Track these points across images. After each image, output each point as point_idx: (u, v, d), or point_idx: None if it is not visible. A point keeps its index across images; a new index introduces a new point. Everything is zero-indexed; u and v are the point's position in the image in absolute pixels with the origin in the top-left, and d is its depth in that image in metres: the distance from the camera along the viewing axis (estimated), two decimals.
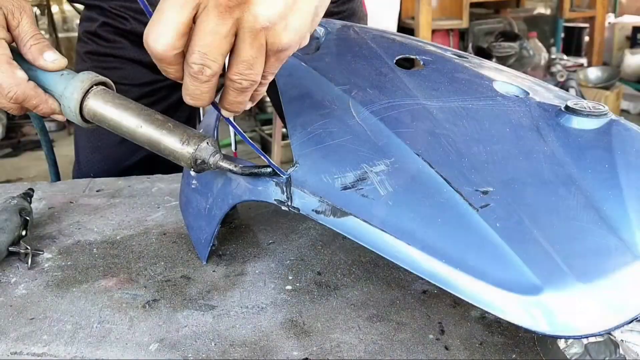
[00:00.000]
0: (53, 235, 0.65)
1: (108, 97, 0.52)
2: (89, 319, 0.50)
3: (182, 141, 0.49)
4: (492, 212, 0.41)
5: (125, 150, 0.93)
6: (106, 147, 0.93)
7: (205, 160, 0.49)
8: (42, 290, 0.55)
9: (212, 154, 0.50)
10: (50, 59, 0.55)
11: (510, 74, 0.61)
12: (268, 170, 0.49)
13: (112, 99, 0.52)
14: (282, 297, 0.53)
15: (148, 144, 0.50)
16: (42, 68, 0.55)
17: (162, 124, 0.50)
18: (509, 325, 0.48)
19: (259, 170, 0.49)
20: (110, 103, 0.52)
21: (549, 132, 0.48)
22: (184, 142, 0.49)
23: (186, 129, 0.50)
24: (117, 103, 0.52)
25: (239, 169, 0.50)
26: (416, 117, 0.49)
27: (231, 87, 0.44)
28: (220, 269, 0.58)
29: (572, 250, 0.39)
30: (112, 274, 0.57)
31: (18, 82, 0.54)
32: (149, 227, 0.67)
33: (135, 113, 0.51)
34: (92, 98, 0.52)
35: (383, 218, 0.43)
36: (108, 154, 0.93)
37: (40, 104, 0.55)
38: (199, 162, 0.49)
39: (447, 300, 0.52)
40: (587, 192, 0.43)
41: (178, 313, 0.51)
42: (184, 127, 0.50)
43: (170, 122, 0.50)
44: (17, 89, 0.54)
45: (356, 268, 0.57)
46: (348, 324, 0.49)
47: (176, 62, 0.42)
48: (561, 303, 0.37)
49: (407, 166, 0.45)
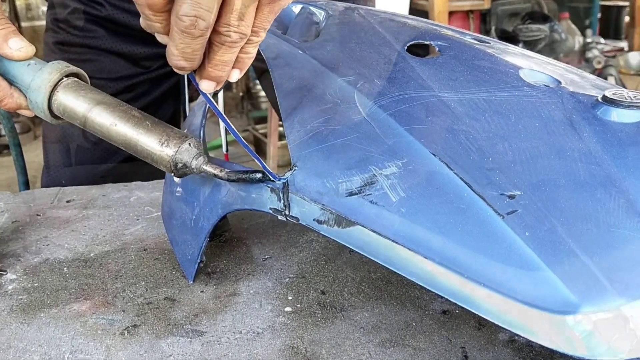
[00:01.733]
0: (17, 252, 0.65)
1: (80, 90, 0.53)
2: (59, 349, 0.50)
3: (161, 142, 0.49)
4: (521, 219, 0.41)
5: (100, 152, 0.93)
6: (79, 149, 0.93)
7: (187, 163, 0.50)
8: (5, 316, 0.55)
9: (194, 157, 0.50)
10: (16, 46, 0.55)
11: (540, 61, 0.61)
12: (258, 175, 0.49)
13: (84, 92, 0.52)
14: (281, 321, 0.53)
15: (123, 144, 0.51)
16: (7, 57, 0.55)
17: (140, 122, 0.50)
18: (542, 350, 0.48)
19: (247, 175, 0.49)
20: (82, 97, 0.52)
21: (585, 126, 0.48)
22: (163, 143, 0.49)
23: (166, 127, 0.50)
24: (89, 97, 0.52)
25: (224, 173, 0.50)
26: (431, 111, 0.49)
27: (217, 41, 0.44)
28: (209, 289, 0.58)
29: (613, 262, 0.39)
30: (85, 297, 0.57)
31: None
32: (127, 242, 0.67)
33: (109, 108, 0.51)
34: (61, 91, 0.53)
35: (395, 228, 0.43)
36: (81, 156, 0.94)
37: (4, 97, 0.55)
38: (180, 166, 0.50)
39: (470, 322, 0.52)
40: (630, 195, 0.43)
41: (162, 340, 0.51)
42: (164, 125, 0.51)
43: (148, 120, 0.51)
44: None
45: (365, 286, 0.57)
46: (357, 351, 0.49)
47: (164, 9, 0.43)
48: (602, 323, 0.37)
49: (421, 168, 0.45)
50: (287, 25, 0.70)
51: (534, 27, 3.51)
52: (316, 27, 0.63)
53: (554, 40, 3.55)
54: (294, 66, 0.56)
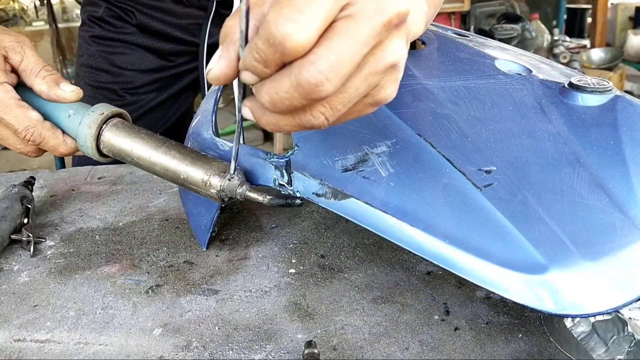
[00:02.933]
0: (55, 222, 0.65)
1: (125, 130, 0.50)
2: (92, 305, 0.50)
3: (204, 181, 0.47)
4: (496, 191, 0.41)
5: None
6: None
7: (232, 195, 0.48)
8: (44, 277, 0.54)
9: (237, 187, 0.47)
10: (69, 89, 0.53)
11: (514, 53, 0.59)
12: (298, 202, 0.47)
13: (129, 131, 0.50)
14: (286, 281, 0.52)
15: (169, 179, 0.49)
16: (60, 99, 0.52)
17: (183, 159, 0.48)
18: (515, 305, 0.47)
19: (287, 201, 0.48)
20: (127, 136, 0.50)
21: (553, 109, 0.47)
22: (206, 183, 0.47)
23: (206, 163, 0.48)
24: (132, 136, 0.50)
25: (267, 200, 0.47)
26: (417, 97, 0.48)
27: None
28: (223, 253, 0.57)
29: (577, 229, 0.38)
30: (114, 260, 0.57)
31: (34, 124, 0.52)
32: (151, 214, 0.66)
33: (153, 146, 0.49)
34: (107, 131, 0.50)
35: (385, 199, 0.42)
36: None
37: (58, 145, 0.53)
38: (226, 199, 0.48)
39: (451, 281, 0.51)
40: (593, 170, 0.42)
41: (181, 298, 0.51)
42: (205, 160, 0.48)
43: (190, 156, 0.48)
44: (34, 131, 0.52)
45: (360, 250, 0.57)
46: (352, 306, 0.49)
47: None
48: (567, 281, 0.36)
49: (408, 147, 0.44)
50: None
51: (508, 27, 3.47)
52: None
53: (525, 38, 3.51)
54: None
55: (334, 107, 0.33)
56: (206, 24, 0.90)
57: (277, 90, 0.32)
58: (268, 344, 0.45)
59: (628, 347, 0.40)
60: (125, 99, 0.93)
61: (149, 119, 0.94)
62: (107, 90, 0.92)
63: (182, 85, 0.98)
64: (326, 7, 0.30)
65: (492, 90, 0.50)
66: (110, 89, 0.92)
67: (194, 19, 0.92)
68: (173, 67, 0.95)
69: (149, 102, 0.94)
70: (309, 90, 0.31)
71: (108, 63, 0.92)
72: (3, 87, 0.52)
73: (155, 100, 0.95)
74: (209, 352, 0.44)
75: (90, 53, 0.93)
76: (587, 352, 0.41)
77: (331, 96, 0.33)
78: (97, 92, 0.92)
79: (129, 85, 0.93)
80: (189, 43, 0.94)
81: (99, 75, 0.92)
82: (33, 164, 3.14)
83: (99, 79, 0.92)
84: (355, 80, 0.33)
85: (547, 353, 0.43)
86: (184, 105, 1.01)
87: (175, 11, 0.91)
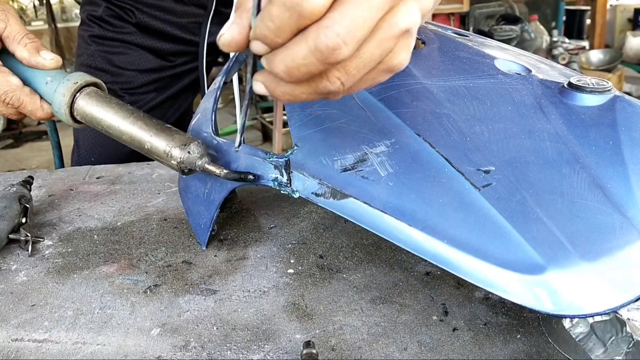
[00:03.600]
0: (53, 222, 0.65)
1: (97, 98, 0.53)
2: (90, 305, 0.50)
3: (166, 151, 0.49)
4: (494, 191, 0.40)
5: None
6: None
7: (192, 167, 0.50)
8: (42, 277, 0.54)
9: (197, 158, 0.49)
10: (49, 57, 0.55)
11: (513, 52, 0.59)
12: (250, 177, 0.49)
13: (101, 99, 0.53)
14: (284, 281, 0.52)
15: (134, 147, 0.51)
16: (39, 66, 0.55)
17: (148, 130, 0.50)
18: (513, 306, 0.47)
19: (240, 176, 0.49)
20: (98, 104, 0.52)
21: (552, 109, 0.47)
22: (167, 153, 0.49)
23: (170, 134, 0.50)
24: (105, 104, 0.52)
25: (224, 174, 0.49)
26: (416, 97, 0.48)
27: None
28: (221, 253, 0.57)
29: (576, 229, 0.38)
30: (113, 260, 0.57)
31: (13, 89, 0.54)
32: (149, 213, 0.66)
33: (122, 115, 0.51)
34: (81, 100, 0.53)
35: (384, 199, 0.42)
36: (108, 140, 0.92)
37: (35, 110, 0.55)
38: (186, 170, 0.50)
39: (450, 282, 0.51)
40: (591, 170, 0.42)
41: (179, 298, 0.50)
42: (169, 132, 0.50)
43: (155, 128, 0.51)
44: (13, 95, 0.54)
45: (358, 251, 0.57)
46: (351, 307, 0.48)
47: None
48: (565, 282, 0.36)
49: (407, 147, 0.44)
50: None
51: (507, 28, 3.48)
52: None
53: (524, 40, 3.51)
54: None
55: (349, 72, 0.34)
56: (206, 23, 0.90)
57: (293, 57, 0.32)
58: (266, 344, 0.44)
59: (626, 348, 0.40)
60: (124, 99, 0.92)
61: None
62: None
63: (182, 85, 0.98)
64: None
65: (491, 89, 0.49)
66: (109, 89, 0.92)
67: (194, 18, 0.92)
68: (172, 67, 0.95)
69: (148, 102, 0.94)
70: (327, 54, 0.31)
71: (107, 63, 0.92)
72: None
73: (155, 101, 0.95)
74: (207, 352, 0.44)
75: (89, 53, 0.93)
76: (586, 352, 0.41)
77: (346, 61, 0.33)
78: None
79: (128, 85, 0.93)
80: (188, 42, 0.94)
81: (98, 75, 0.92)
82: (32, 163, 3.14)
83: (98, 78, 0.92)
84: (370, 45, 0.33)
85: (545, 354, 0.43)
86: (184, 106, 1.01)
87: (175, 10, 0.91)
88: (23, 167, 3.11)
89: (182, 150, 0.49)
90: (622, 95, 0.50)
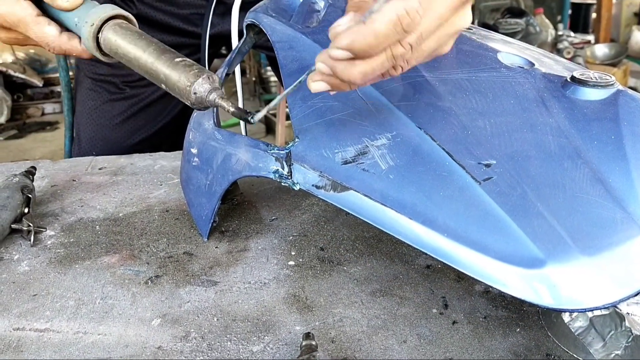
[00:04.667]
0: (56, 212, 0.65)
1: (123, 30, 0.52)
2: (91, 295, 0.50)
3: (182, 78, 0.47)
4: (495, 185, 0.40)
5: (127, 129, 0.92)
6: (107, 126, 0.92)
7: (203, 96, 0.47)
8: (44, 267, 0.54)
9: (209, 91, 0.47)
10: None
11: (517, 46, 0.59)
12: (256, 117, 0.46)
13: (127, 31, 0.51)
14: (285, 273, 0.53)
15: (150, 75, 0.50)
16: (59, 8, 0.54)
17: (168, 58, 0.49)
18: (513, 300, 0.47)
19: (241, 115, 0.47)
20: (124, 35, 0.51)
21: (554, 103, 0.47)
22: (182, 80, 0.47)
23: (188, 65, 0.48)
24: (130, 35, 0.51)
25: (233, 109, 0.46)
26: (418, 90, 0.48)
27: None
28: (222, 245, 0.57)
29: (576, 224, 0.38)
30: (114, 251, 0.57)
31: (52, 40, 0.55)
32: (151, 205, 0.66)
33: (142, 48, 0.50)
34: (108, 28, 0.52)
35: (384, 192, 0.42)
36: (109, 133, 0.92)
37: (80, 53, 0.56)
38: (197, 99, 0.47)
39: (450, 275, 0.51)
40: (593, 165, 0.42)
41: (180, 289, 0.51)
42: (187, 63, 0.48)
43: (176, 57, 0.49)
44: (55, 45, 0.55)
45: (359, 243, 0.57)
46: (351, 299, 0.49)
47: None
48: (565, 276, 0.36)
49: (408, 140, 0.44)
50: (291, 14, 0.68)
51: (512, 21, 3.45)
52: (317, 15, 0.61)
53: (529, 33, 3.49)
54: (297, 49, 0.55)
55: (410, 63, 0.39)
56: (208, 14, 0.90)
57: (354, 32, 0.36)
58: (266, 335, 0.45)
59: (625, 342, 0.40)
60: (126, 92, 0.92)
61: (149, 113, 0.94)
62: (107, 83, 0.92)
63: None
64: None
65: (493, 83, 0.49)
66: (111, 82, 0.92)
67: (196, 9, 0.91)
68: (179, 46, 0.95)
69: (149, 96, 0.94)
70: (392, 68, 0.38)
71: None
72: (19, 5, 0.54)
73: (156, 94, 0.95)
74: (207, 342, 0.44)
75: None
76: (585, 347, 0.41)
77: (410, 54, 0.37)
78: (97, 84, 0.92)
79: (129, 78, 0.92)
80: (190, 34, 0.93)
81: (99, 68, 0.92)
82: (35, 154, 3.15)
83: (99, 71, 0.92)
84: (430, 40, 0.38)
85: (545, 347, 0.43)
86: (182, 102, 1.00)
87: (177, 1, 0.90)
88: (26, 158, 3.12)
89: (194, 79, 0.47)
90: (625, 89, 0.49)
